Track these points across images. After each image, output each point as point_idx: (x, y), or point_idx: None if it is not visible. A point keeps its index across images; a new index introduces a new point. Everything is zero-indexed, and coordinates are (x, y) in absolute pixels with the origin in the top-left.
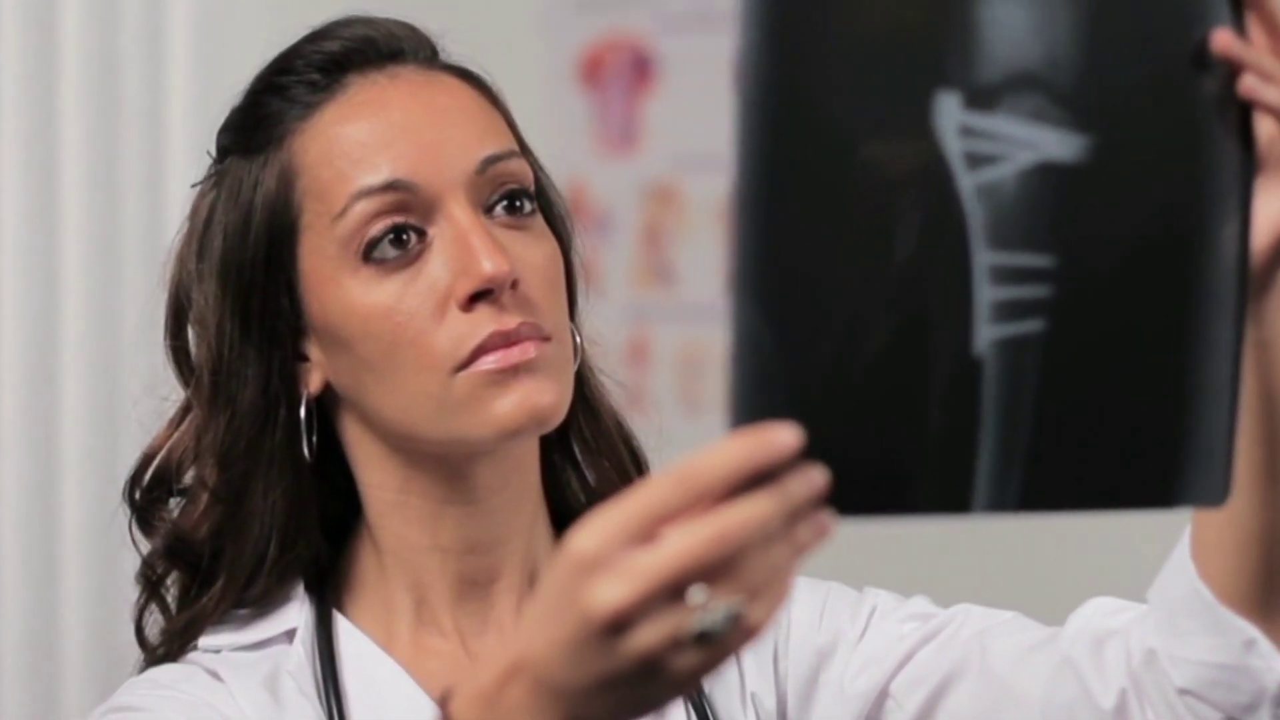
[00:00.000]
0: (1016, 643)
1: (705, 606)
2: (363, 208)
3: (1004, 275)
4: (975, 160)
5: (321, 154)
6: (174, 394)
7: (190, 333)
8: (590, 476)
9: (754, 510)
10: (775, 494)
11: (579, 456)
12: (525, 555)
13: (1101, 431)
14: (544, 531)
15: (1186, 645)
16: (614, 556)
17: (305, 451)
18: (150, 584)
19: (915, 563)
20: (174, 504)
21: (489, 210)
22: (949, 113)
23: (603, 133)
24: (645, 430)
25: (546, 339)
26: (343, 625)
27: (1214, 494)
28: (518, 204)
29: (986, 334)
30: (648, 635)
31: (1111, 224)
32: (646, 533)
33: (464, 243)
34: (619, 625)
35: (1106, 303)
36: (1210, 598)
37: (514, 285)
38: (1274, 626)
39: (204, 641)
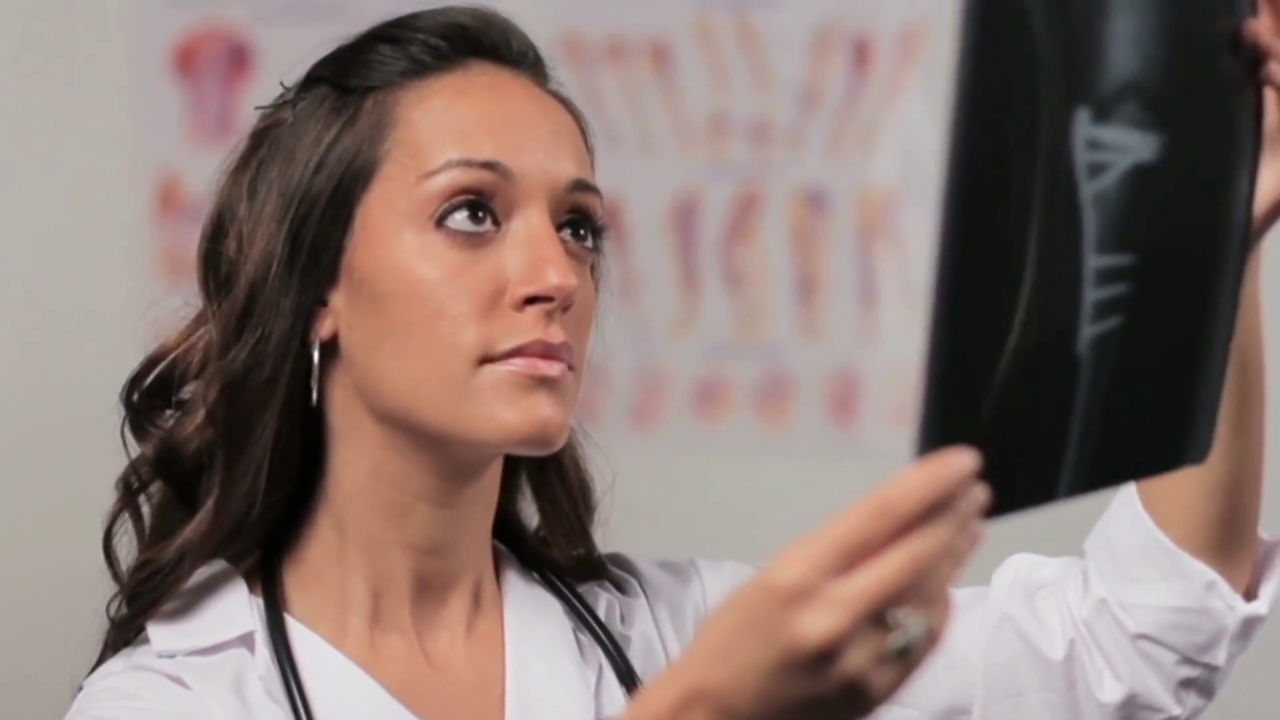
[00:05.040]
0: None
1: (902, 625)
2: (456, 175)
3: (1101, 277)
4: (1094, 170)
5: (429, 114)
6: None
7: (227, 249)
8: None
9: (941, 535)
10: (953, 516)
11: (537, 486)
12: (477, 565)
13: (1143, 407)
14: (489, 545)
15: (1143, 592)
16: (819, 587)
17: (312, 395)
18: (129, 491)
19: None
20: (169, 415)
21: (558, 229)
22: (1082, 127)
23: (197, 123)
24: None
25: (572, 369)
26: (294, 627)
27: (1200, 450)
28: (582, 233)
29: (1087, 334)
30: (855, 659)
31: (1173, 214)
32: (848, 563)
33: (539, 247)
34: (829, 653)
35: (1163, 289)
36: (1170, 545)
37: (566, 307)
38: (1231, 568)
39: (157, 645)
